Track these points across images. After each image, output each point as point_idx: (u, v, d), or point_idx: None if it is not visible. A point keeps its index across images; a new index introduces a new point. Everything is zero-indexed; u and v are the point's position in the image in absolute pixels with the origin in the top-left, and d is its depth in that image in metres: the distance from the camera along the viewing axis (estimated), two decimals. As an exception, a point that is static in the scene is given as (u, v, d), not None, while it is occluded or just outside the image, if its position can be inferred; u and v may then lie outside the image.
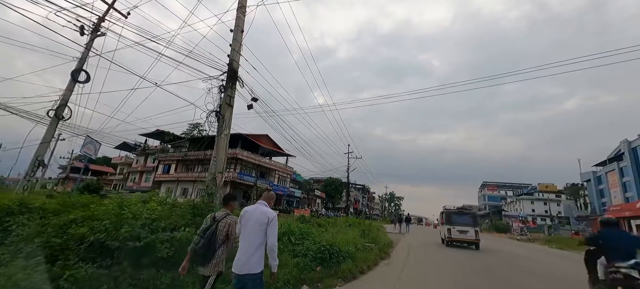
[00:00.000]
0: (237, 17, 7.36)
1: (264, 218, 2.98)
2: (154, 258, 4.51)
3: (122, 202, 4.96)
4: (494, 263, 10.53)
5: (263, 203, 3.19)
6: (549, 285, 7.27)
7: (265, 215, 3.00)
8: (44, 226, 5.56)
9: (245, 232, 3.00)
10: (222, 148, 6.61)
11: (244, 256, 2.87)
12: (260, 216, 3.01)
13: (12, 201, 6.05)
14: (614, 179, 46.21)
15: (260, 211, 3.05)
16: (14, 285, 3.85)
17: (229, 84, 6.93)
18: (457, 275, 7.60)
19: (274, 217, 3.04)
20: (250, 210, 3.12)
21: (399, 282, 6.58)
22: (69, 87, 8.93)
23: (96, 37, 9.33)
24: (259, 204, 3.17)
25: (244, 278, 2.82)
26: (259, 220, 2.98)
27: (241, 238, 3.03)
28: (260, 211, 3.04)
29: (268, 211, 3.07)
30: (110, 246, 4.25)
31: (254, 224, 2.97)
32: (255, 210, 3.08)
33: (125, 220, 4.32)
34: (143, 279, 4.20)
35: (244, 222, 3.07)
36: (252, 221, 3.00)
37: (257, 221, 2.97)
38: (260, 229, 2.94)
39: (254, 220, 3.00)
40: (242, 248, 2.93)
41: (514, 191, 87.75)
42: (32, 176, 8.27)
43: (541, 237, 35.65)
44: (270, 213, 3.05)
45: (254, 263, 2.85)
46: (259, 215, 3.01)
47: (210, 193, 6.23)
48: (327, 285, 5.56)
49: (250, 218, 3.03)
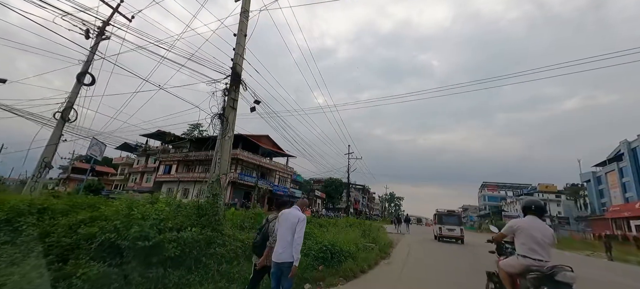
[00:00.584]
0: (240, 22, 7.52)
1: (295, 219, 3.65)
2: (162, 257, 4.66)
3: (131, 203, 5.10)
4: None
5: (297, 208, 3.89)
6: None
7: (296, 217, 3.68)
8: (54, 226, 5.72)
9: (281, 230, 3.67)
10: (226, 150, 6.77)
11: (281, 248, 3.56)
12: (293, 217, 3.68)
13: (22, 202, 6.19)
14: (614, 179, 46.27)
15: (293, 214, 3.73)
16: (28, 283, 4.00)
17: (233, 87, 7.08)
18: (456, 275, 7.74)
19: (303, 219, 3.71)
20: (286, 212, 3.81)
21: (399, 281, 6.73)
22: (74, 89, 9.09)
23: (101, 40, 9.49)
24: (294, 208, 3.87)
25: (281, 266, 3.55)
26: (291, 220, 3.65)
27: (278, 235, 3.71)
28: (293, 214, 3.71)
29: (299, 214, 3.75)
30: (121, 245, 4.40)
31: (287, 224, 3.65)
32: (290, 213, 3.76)
33: (135, 221, 4.47)
34: (152, 278, 4.34)
35: (280, 222, 3.77)
36: (287, 222, 3.67)
37: (290, 222, 3.64)
38: (292, 228, 3.60)
39: (288, 221, 3.68)
40: (279, 242, 3.62)
41: (513, 192, 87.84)
42: (39, 177, 8.42)
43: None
44: (300, 215, 3.72)
45: (289, 254, 3.53)
46: (293, 217, 3.69)
47: (214, 194, 6.36)
48: (329, 284, 5.71)
49: (286, 219, 3.71)
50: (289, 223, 3.64)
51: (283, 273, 3.55)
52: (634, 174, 41.60)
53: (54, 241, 5.19)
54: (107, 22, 9.69)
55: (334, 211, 53.88)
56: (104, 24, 9.63)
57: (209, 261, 5.02)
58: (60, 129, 8.76)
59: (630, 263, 15.39)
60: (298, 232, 3.57)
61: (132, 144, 41.78)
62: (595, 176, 52.38)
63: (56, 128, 8.75)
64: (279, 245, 3.62)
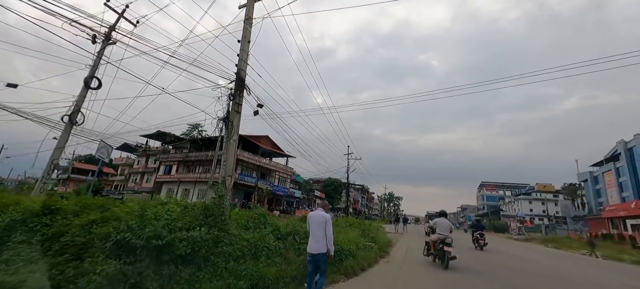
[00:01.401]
0: (244, 28, 7.77)
1: (322, 219, 4.67)
2: (173, 255, 4.92)
3: (144, 204, 5.35)
4: (488, 262, 10.98)
5: (321, 209, 4.91)
6: (537, 282, 7.71)
7: (323, 217, 4.71)
8: (67, 226, 5.98)
9: (312, 228, 4.69)
10: (231, 153, 7.03)
11: (314, 242, 4.58)
12: (320, 217, 4.69)
13: (36, 203, 6.43)
14: (611, 179, 46.67)
15: (320, 214, 4.75)
16: (49, 279, 4.25)
17: (237, 92, 7.34)
18: (453, 274, 8.02)
19: (328, 218, 4.71)
20: (313, 214, 4.86)
21: (398, 279, 7.00)
22: (81, 93, 9.33)
23: (108, 45, 9.73)
24: (319, 210, 4.91)
25: (316, 256, 4.55)
26: (319, 220, 4.66)
27: (310, 232, 4.69)
28: (320, 215, 4.74)
29: (325, 214, 4.77)
30: (135, 244, 4.65)
31: (316, 223, 4.65)
32: (317, 214, 4.79)
33: (148, 221, 4.72)
34: (164, 275, 4.60)
35: (310, 222, 4.76)
36: (316, 221, 4.67)
37: (319, 221, 4.65)
38: (321, 226, 4.61)
39: (316, 221, 4.67)
40: (312, 238, 4.63)
41: (512, 191, 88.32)
42: (48, 178, 8.67)
43: (538, 237, 36.17)
44: (326, 215, 4.74)
45: (322, 246, 4.52)
46: (319, 217, 4.70)
47: (220, 195, 6.61)
48: (331, 281, 5.98)
49: (314, 219, 4.72)
50: (317, 222, 4.63)
51: (318, 261, 4.54)
52: (631, 174, 41.98)
53: (68, 241, 5.46)
54: (113, 27, 9.93)
55: (333, 211, 54.19)
56: (110, 29, 9.86)
57: (217, 259, 5.27)
58: (68, 132, 9.00)
59: (625, 262, 15.70)
60: (328, 229, 4.57)
61: (133, 145, 41.97)
62: (592, 176, 52.78)
63: (64, 131, 8.99)
64: (312, 240, 4.61)
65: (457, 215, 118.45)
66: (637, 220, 31.27)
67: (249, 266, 5.34)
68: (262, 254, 6.00)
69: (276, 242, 6.76)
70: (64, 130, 8.97)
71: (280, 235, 7.36)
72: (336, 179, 56.04)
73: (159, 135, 42.23)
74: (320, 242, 4.53)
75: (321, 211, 4.86)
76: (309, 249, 4.62)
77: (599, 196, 50.75)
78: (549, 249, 21.33)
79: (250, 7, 7.97)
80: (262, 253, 6.07)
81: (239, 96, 7.34)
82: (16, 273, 4.49)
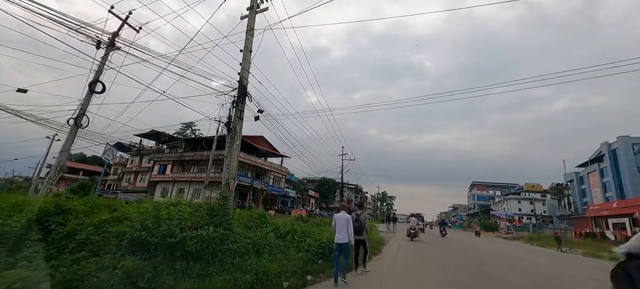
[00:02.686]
0: (246, 39, 8.22)
1: (345, 218, 6.29)
2: (184, 252, 5.38)
3: (158, 205, 5.77)
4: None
5: (344, 211, 6.53)
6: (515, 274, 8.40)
7: (346, 217, 6.33)
8: (79, 225, 6.37)
9: (338, 225, 6.24)
10: (234, 157, 7.48)
11: (340, 235, 6.11)
12: (344, 217, 6.32)
13: (49, 203, 6.79)
14: (595, 180, 48.36)
15: (343, 216, 6.35)
16: (74, 274, 4.65)
17: (240, 100, 7.80)
18: (438, 269, 8.64)
19: (349, 218, 6.37)
20: (338, 215, 6.43)
21: (389, 273, 7.57)
22: (86, 97, 9.64)
23: (112, 51, 10.05)
24: (342, 212, 6.50)
25: (342, 245, 6.07)
26: (344, 219, 6.28)
27: (337, 227, 6.25)
28: (344, 215, 6.37)
29: (347, 215, 6.43)
30: (150, 242, 5.09)
31: (341, 222, 6.24)
32: (341, 215, 6.38)
33: (163, 221, 5.16)
34: (177, 269, 5.06)
35: (336, 221, 6.36)
36: (341, 220, 6.26)
37: (343, 220, 6.26)
38: (345, 224, 6.20)
39: (341, 220, 6.27)
40: (339, 232, 6.16)
41: (502, 191, 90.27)
42: (54, 180, 8.96)
43: (526, 235, 37.37)
44: (348, 216, 6.42)
45: (346, 237, 6.11)
46: (343, 216, 6.34)
47: (224, 196, 7.07)
48: (328, 275, 6.49)
49: (339, 219, 6.30)
50: (342, 221, 6.26)
51: (342, 248, 6.10)
52: (614, 174, 43.66)
53: (83, 239, 5.87)
54: (116, 33, 10.24)
55: (327, 210, 54.77)
56: (114, 35, 10.18)
57: (224, 255, 5.75)
58: (73, 135, 9.30)
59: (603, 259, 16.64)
60: (349, 227, 6.21)
61: (126, 144, 41.77)
62: (578, 177, 54.55)
63: (70, 134, 9.29)
64: (338, 233, 6.16)
65: (449, 214, 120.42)
66: (618, 219, 32.62)
67: (253, 261, 5.83)
68: (264, 251, 6.49)
69: (276, 240, 7.25)
70: (69, 133, 9.28)
71: (279, 234, 7.86)
72: (330, 179, 56.63)
73: (153, 135, 42.17)
74: (345, 234, 6.12)
75: (344, 213, 6.49)
76: (336, 240, 6.15)
77: (584, 196, 52.50)
78: (532, 247, 22.29)
79: (251, 19, 8.42)
80: (264, 250, 6.56)
81: (241, 103, 7.80)
82: (38, 269, 4.90)
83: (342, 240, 6.07)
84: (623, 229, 30.75)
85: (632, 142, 41.99)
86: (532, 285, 7.25)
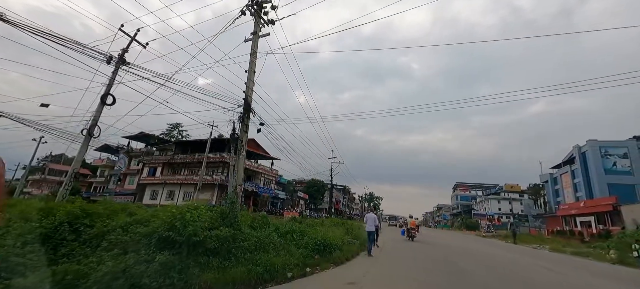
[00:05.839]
0: (250, 61, 9.23)
1: (373, 217, 11.22)
2: (204, 249, 6.40)
3: (183, 209, 6.74)
4: (449, 255, 13.18)
5: (371, 212, 11.81)
6: (482, 267, 9.82)
7: (374, 216, 11.30)
8: (105, 226, 7.27)
9: (368, 221, 11.04)
10: (241, 166, 8.50)
11: (370, 227, 10.89)
12: (372, 216, 11.21)
13: (76, 207, 7.63)
14: (567, 180, 51.57)
15: (371, 215, 11.21)
16: (115, 266, 5.57)
17: (245, 115, 8.83)
18: (418, 263, 9.95)
19: (375, 217, 11.37)
20: (368, 214, 11.37)
21: (374, 266, 8.80)
22: (98, 108, 10.37)
23: (121, 65, 10.83)
24: (370, 213, 11.60)
25: (371, 233, 10.89)
26: (372, 217, 11.16)
27: (367, 223, 11.06)
28: (372, 215, 11.26)
29: (373, 215, 11.34)
30: (177, 240, 6.08)
31: (371, 218, 11.05)
32: (370, 215, 11.25)
33: (189, 223, 6.16)
34: (201, 263, 6.06)
35: (367, 218, 11.22)
36: (371, 217, 11.10)
37: (372, 218, 11.10)
38: (373, 220, 11.04)
39: (371, 217, 11.11)
40: (369, 224, 10.94)
41: (483, 191, 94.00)
42: (69, 186, 9.64)
43: (504, 233, 39.80)
44: (374, 216, 11.33)
45: (374, 229, 11.02)
46: (372, 216, 11.22)
47: (232, 201, 8.08)
48: (324, 268, 7.63)
49: (369, 217, 11.16)
50: (371, 218, 11.00)
51: (372, 234, 10.93)
52: (584, 176, 46.82)
53: (113, 239, 6.78)
54: (125, 49, 11.03)
55: (316, 211, 55.88)
56: (123, 51, 10.96)
57: (237, 251, 6.79)
58: (87, 144, 10.03)
59: (565, 253, 18.57)
60: (376, 221, 11.16)
61: (114, 146, 41.50)
62: (552, 177, 57.93)
63: (83, 143, 10.02)
64: (368, 225, 10.85)
65: (433, 214, 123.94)
66: (585, 218, 35.32)
67: (261, 256, 6.88)
68: (269, 248, 7.55)
69: (279, 239, 8.34)
70: (83, 142, 10.00)
71: (280, 233, 8.95)
72: (319, 180, 57.77)
73: (142, 137, 42.04)
74: (373, 226, 10.82)
75: (372, 213, 11.39)
76: (367, 230, 10.83)
77: (557, 195, 55.81)
78: (507, 244, 24.22)
79: (255, 43, 9.44)
80: (269, 247, 7.62)
81: (246, 118, 8.83)
82: (80, 264, 5.79)
83: (371, 228, 10.72)
84: (589, 227, 33.38)
85: (600, 145, 45.19)
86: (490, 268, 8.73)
